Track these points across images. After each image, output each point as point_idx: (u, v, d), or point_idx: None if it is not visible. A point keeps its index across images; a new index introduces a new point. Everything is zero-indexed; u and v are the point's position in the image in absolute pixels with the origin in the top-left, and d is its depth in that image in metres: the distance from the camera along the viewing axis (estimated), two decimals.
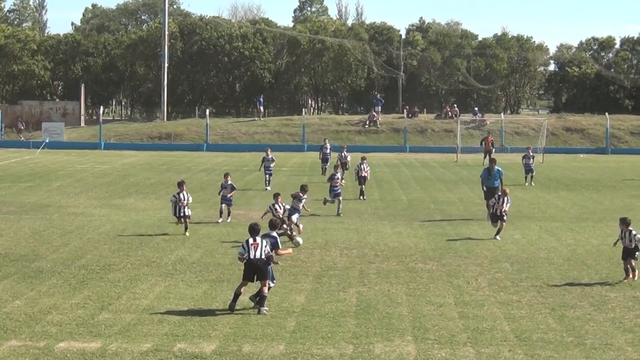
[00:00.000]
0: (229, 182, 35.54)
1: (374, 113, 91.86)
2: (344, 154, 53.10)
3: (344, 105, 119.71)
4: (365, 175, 43.76)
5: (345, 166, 51.86)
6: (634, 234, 24.56)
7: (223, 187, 35.54)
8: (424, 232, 33.05)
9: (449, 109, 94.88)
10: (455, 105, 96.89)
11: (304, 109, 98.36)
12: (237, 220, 35.30)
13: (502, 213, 31.61)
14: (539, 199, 44.62)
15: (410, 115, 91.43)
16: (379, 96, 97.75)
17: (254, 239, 20.72)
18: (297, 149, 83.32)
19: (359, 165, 44.28)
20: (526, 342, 18.28)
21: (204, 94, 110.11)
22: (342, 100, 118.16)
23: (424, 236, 32.05)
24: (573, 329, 19.32)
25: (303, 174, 57.82)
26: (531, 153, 53.24)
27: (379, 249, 29.15)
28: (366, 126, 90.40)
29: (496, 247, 29.69)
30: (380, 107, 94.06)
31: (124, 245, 29.49)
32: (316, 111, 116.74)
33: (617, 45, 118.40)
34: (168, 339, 18.19)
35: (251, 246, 20.58)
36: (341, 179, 50.03)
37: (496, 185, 36.61)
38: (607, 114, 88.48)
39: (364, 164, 44.28)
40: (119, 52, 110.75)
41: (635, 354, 17.60)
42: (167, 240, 30.37)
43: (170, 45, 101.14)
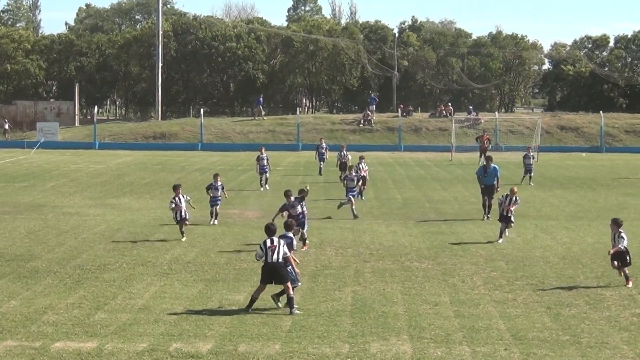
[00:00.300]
0: (219, 183, 34.75)
1: (368, 112, 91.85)
2: (343, 154, 52.39)
3: (339, 105, 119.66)
4: (364, 175, 43.45)
5: (345, 166, 51.38)
6: (621, 235, 23.41)
7: (213, 188, 34.57)
8: (419, 231, 33.06)
9: (443, 108, 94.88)
10: (450, 104, 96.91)
11: (298, 108, 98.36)
12: (232, 220, 35.28)
13: (509, 214, 30.74)
14: (534, 197, 44.62)
15: (404, 114, 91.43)
16: (373, 95, 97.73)
17: (271, 240, 20.56)
18: (291, 148, 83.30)
19: (357, 165, 44.17)
20: (522, 340, 18.29)
21: (198, 93, 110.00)
22: (336, 99, 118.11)
23: (419, 235, 32.05)
24: (569, 327, 19.34)
25: (298, 173, 57.81)
26: (531, 153, 52.87)
27: (374, 248, 29.16)
28: (361, 125, 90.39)
29: (491, 246, 29.71)
30: (374, 106, 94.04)
31: (119, 244, 29.47)
32: (311, 110, 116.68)
33: (612, 44, 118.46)
34: (164, 338, 18.18)
35: (269, 249, 20.42)
36: (340, 177, 50.10)
37: (493, 183, 36.39)
38: (601, 112, 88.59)
39: (362, 163, 44.09)
40: (113, 52, 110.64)
41: (631, 352, 17.62)
42: (162, 240, 30.35)
43: (164, 44, 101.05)
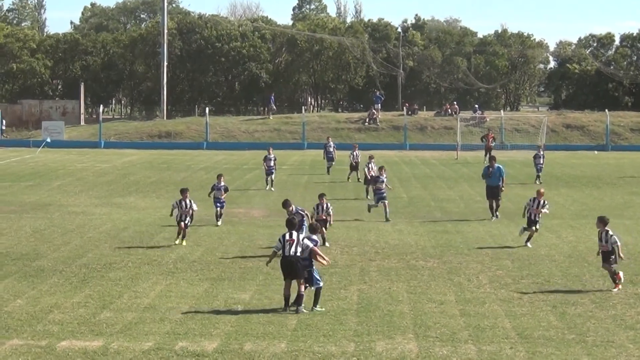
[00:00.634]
0: (222, 184, 34.28)
1: (373, 111, 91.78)
2: (355, 154, 51.72)
3: (344, 103, 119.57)
4: (372, 174, 43.26)
5: (356, 166, 51.17)
6: (610, 234, 22.88)
7: (216, 189, 34.17)
8: (425, 229, 33.05)
9: (448, 106, 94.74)
10: (455, 103, 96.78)
11: (303, 107, 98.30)
12: (237, 219, 35.29)
13: (537, 218, 29.70)
14: None
15: (410, 112, 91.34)
16: (378, 94, 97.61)
17: (290, 234, 20.57)
18: (297, 146, 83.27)
19: (367, 165, 44.12)
20: (527, 339, 18.29)
21: (204, 92, 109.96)
22: (341, 98, 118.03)
23: (424, 234, 32.05)
24: (574, 326, 19.33)
25: (303, 172, 57.82)
26: (541, 152, 52.40)
27: (380, 247, 29.16)
28: (366, 124, 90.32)
29: (496, 245, 29.71)
30: (380, 104, 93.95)
31: (124, 243, 29.50)
32: (316, 109, 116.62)
33: (617, 42, 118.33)
34: (169, 337, 18.20)
35: (287, 242, 20.45)
36: (347, 178, 49.96)
37: (497, 184, 36.07)
38: (607, 110, 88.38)
39: (372, 163, 43.93)
40: (118, 51, 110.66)
41: (637, 351, 17.61)
42: (168, 239, 30.35)
43: (169, 43, 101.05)
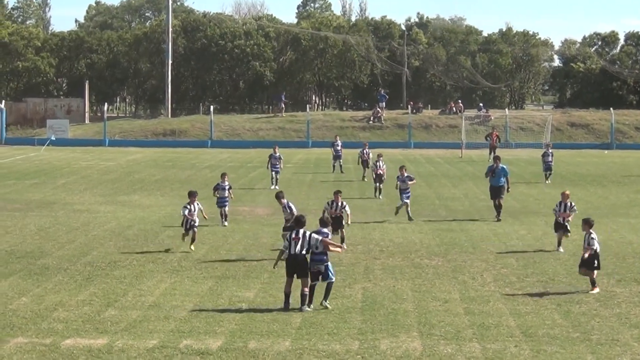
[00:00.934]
0: (226, 183, 33.81)
1: (378, 109, 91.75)
2: (365, 151, 51.48)
3: (348, 102, 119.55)
4: (381, 173, 43.22)
5: (366, 164, 51.01)
6: (592, 237, 22.50)
7: (220, 188, 33.64)
8: (429, 228, 33.04)
9: (453, 105, 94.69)
10: (460, 101, 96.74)
11: (308, 106, 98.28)
12: (242, 217, 35.29)
13: (565, 222, 28.48)
14: (544, 194, 44.55)
15: (414, 111, 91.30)
16: (383, 92, 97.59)
17: (296, 232, 20.63)
18: (301, 145, 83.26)
19: (375, 163, 44.11)
20: (532, 337, 18.28)
21: (208, 90, 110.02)
22: (346, 96, 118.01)
23: (429, 232, 32.04)
24: (579, 324, 19.32)
25: (308, 171, 57.82)
26: (550, 150, 52.04)
27: (384, 245, 29.15)
28: (370, 122, 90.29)
29: (501, 243, 29.69)
30: (384, 103, 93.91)
31: (129, 242, 29.52)
32: (321, 107, 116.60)
33: (622, 41, 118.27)
34: (174, 335, 18.21)
35: (292, 240, 20.52)
36: (363, 177, 49.86)
37: (501, 184, 35.48)
38: (611, 109, 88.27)
39: (380, 161, 43.88)
40: (123, 49, 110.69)
41: None
42: (172, 237, 30.36)
43: (173, 41, 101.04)
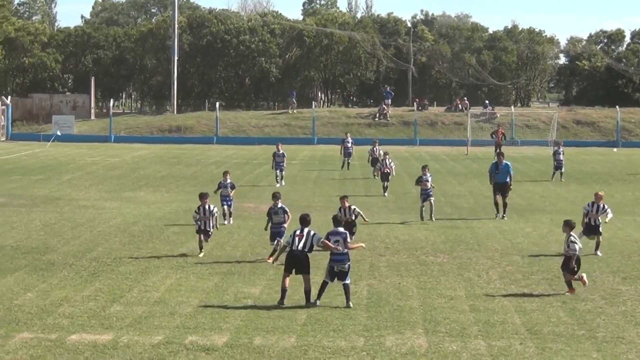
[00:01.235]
0: (228, 181, 33.24)
1: (384, 106, 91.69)
2: (376, 149, 50.78)
3: (354, 98, 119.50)
4: (387, 171, 43.11)
5: (376, 162, 50.74)
6: (571, 240, 21.88)
7: (222, 186, 33.10)
8: (435, 225, 33.00)
9: (459, 102, 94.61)
10: (466, 98, 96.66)
11: (313, 102, 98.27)
12: (247, 214, 35.29)
13: (597, 223, 27.23)
14: (549, 192, 44.55)
15: (420, 108, 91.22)
16: (389, 89, 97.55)
17: (300, 229, 20.71)
18: (307, 141, 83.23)
19: (382, 161, 44.05)
20: (537, 335, 18.27)
21: (214, 86, 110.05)
22: (352, 93, 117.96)
23: (434, 229, 32.02)
24: (584, 322, 19.30)
25: (313, 167, 57.82)
26: (561, 149, 51.64)
27: (390, 242, 29.15)
28: (376, 119, 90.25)
29: (507, 241, 29.66)
30: (390, 99, 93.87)
31: (134, 238, 29.54)
32: (326, 104, 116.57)
33: (628, 39, 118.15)
34: (179, 331, 18.23)
35: (296, 237, 20.60)
36: (374, 175, 49.40)
37: (506, 181, 35.04)
38: (617, 107, 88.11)
39: (387, 159, 43.82)
40: (129, 45, 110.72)
41: None
42: (178, 233, 30.41)
43: (179, 38, 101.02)
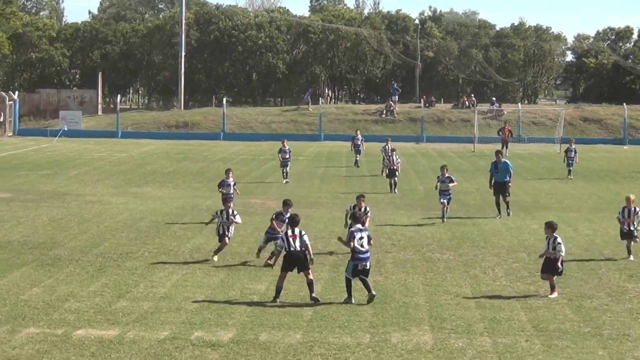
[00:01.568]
0: (231, 179, 32.94)
1: (391, 102, 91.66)
2: (388, 146, 48.31)
3: (361, 95, 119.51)
4: (394, 168, 42.99)
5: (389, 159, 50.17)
6: (558, 242, 21.36)
7: (225, 185, 32.65)
8: (441, 221, 32.98)
9: (466, 99, 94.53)
10: (473, 95, 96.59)
11: (320, 98, 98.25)
12: (254, 210, 35.29)
13: (631, 229, 26.28)
14: (556, 189, 44.51)
15: (427, 104, 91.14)
16: (396, 85, 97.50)
17: (292, 230, 20.78)
18: (313, 138, 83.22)
19: (389, 158, 43.99)
20: (543, 332, 18.27)
21: (221, 82, 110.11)
22: (358, 89, 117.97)
23: (440, 226, 32.02)
24: (590, 319, 19.30)
25: (320, 164, 57.85)
26: (573, 146, 51.11)
27: (396, 239, 29.15)
28: (383, 115, 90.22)
29: (513, 238, 29.65)
30: (397, 96, 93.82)
31: (141, 233, 29.57)
32: (333, 100, 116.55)
33: (635, 36, 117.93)
34: (185, 327, 18.25)
35: (290, 237, 20.65)
36: (382, 172, 49.00)
37: (506, 180, 34.63)
38: (624, 104, 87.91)
39: (395, 155, 43.74)
40: (136, 41, 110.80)
41: None
42: (184, 229, 30.44)
43: (186, 33, 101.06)
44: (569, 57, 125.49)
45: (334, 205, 36.75)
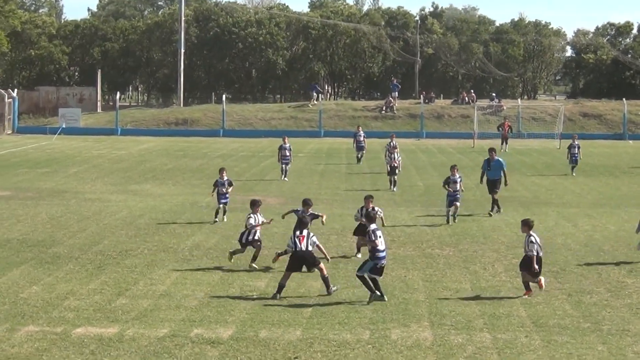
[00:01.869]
0: (225, 179, 32.47)
1: (390, 99, 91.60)
2: (392, 143, 46.43)
3: (360, 91, 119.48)
4: (395, 165, 42.92)
5: (390, 156, 49.77)
6: (530, 240, 20.86)
7: (219, 185, 32.24)
8: (441, 218, 32.95)
9: (465, 95, 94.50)
10: (472, 91, 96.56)
11: (320, 95, 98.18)
12: None
13: None
14: (556, 185, 44.50)
15: (426, 100, 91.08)
16: (395, 82, 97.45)
17: (300, 231, 20.97)
18: (313, 134, 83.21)
19: (390, 155, 43.96)
20: (543, 327, 18.27)
21: (220, 79, 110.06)
22: (358, 86, 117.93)
23: (440, 222, 31.99)
24: (590, 314, 19.30)
25: (320, 160, 57.83)
26: (576, 142, 50.69)
27: (396, 235, 29.14)
28: (383, 112, 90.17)
29: (513, 233, 29.60)
30: (397, 92, 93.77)
31: (140, 231, 29.56)
32: (333, 97, 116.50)
33: (635, 31, 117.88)
34: (185, 324, 18.25)
35: (297, 238, 20.84)
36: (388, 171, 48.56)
37: (498, 177, 34.55)
38: (624, 99, 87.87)
39: (395, 153, 43.69)
40: (135, 38, 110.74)
41: None
42: (184, 226, 30.44)
43: (185, 30, 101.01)
44: (569, 52, 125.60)
45: (334, 202, 36.76)
